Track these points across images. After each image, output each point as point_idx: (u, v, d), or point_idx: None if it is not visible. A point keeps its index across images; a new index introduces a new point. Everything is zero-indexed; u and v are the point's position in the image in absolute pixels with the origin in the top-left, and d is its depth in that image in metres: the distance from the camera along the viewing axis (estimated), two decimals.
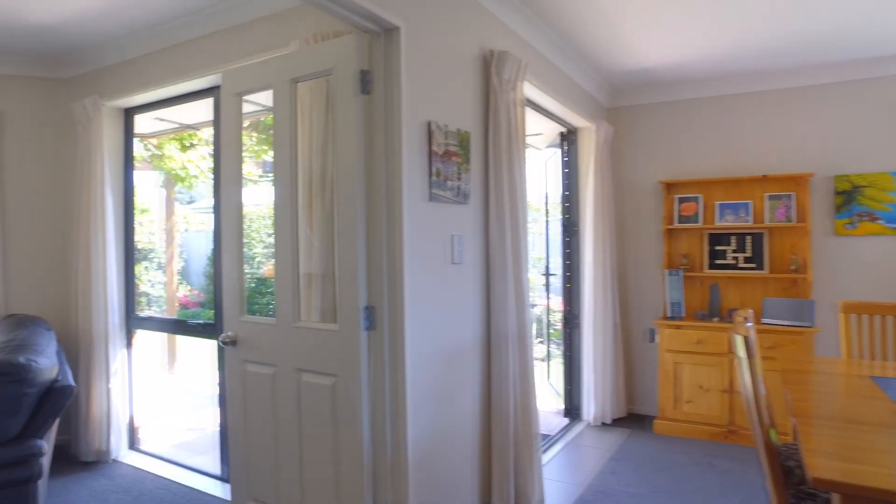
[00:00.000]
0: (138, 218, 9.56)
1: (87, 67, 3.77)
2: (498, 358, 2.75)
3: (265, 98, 2.75)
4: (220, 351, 3.30)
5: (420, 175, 2.31)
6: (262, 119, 4.73)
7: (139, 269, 8.92)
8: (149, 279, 9.49)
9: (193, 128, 4.66)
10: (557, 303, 5.51)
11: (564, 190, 4.54)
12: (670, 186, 4.52)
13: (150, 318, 3.82)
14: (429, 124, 2.35)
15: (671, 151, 4.63)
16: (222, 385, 3.14)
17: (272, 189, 2.48)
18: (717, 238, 4.37)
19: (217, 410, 3.37)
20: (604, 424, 4.35)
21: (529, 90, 3.34)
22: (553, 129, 4.49)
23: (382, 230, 2.20)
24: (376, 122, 2.21)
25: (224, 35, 3.06)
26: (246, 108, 3.54)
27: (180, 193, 9.17)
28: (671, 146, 4.62)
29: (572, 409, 4.47)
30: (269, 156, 6.22)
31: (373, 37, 2.22)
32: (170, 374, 6.83)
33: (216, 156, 3.34)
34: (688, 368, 4.14)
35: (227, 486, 3.02)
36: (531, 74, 3.18)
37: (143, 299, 8.55)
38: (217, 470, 3.39)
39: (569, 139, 4.48)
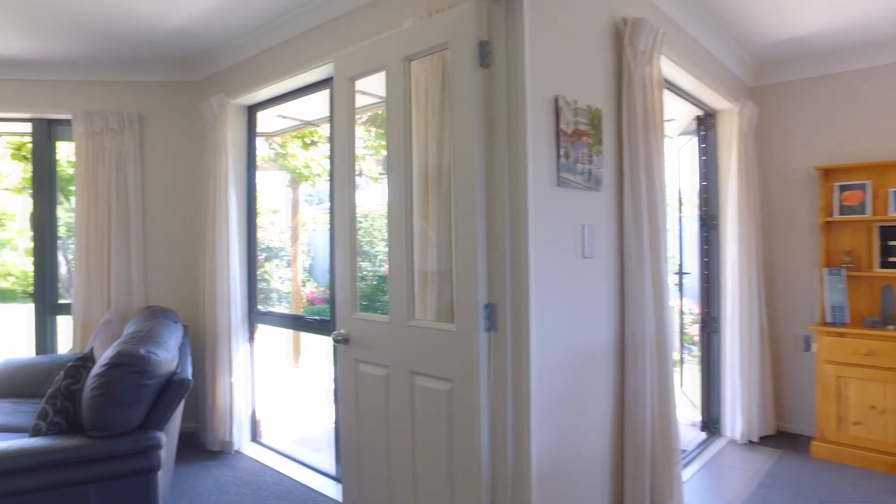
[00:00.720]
0: (270, 217, 10.11)
1: (215, 68, 3.89)
2: (633, 364, 2.42)
3: (381, 89, 2.62)
4: (335, 348, 3.24)
5: (547, 157, 2.05)
6: (379, 113, 4.68)
7: (269, 266, 9.44)
8: (279, 276, 10.02)
9: (313, 124, 4.71)
10: (691, 304, 5.00)
11: (701, 180, 4.06)
12: (829, 173, 3.89)
13: (270, 314, 3.87)
14: (556, 99, 2.08)
15: (830, 133, 3.98)
16: (336, 383, 3.06)
17: (386, 180, 2.34)
18: (891, 232, 3.69)
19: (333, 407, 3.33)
20: (750, 442, 3.83)
21: (663, 66, 2.96)
22: (687, 114, 4.03)
23: (505, 219, 1.97)
24: (497, 98, 1.99)
25: (338, 23, 2.98)
26: (362, 100, 3.48)
27: (310, 196, 9.54)
28: (830, 127, 3.98)
29: (710, 423, 3.98)
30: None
31: (491, 4, 1.99)
32: (294, 368, 7.07)
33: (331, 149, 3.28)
34: (855, 384, 3.52)
35: (341, 488, 2.93)
36: (666, 47, 2.81)
37: (274, 295, 9.01)
38: (332, 468, 3.33)
39: (706, 123, 4.00)
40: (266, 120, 4.60)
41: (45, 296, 4.21)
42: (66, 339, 4.23)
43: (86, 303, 3.93)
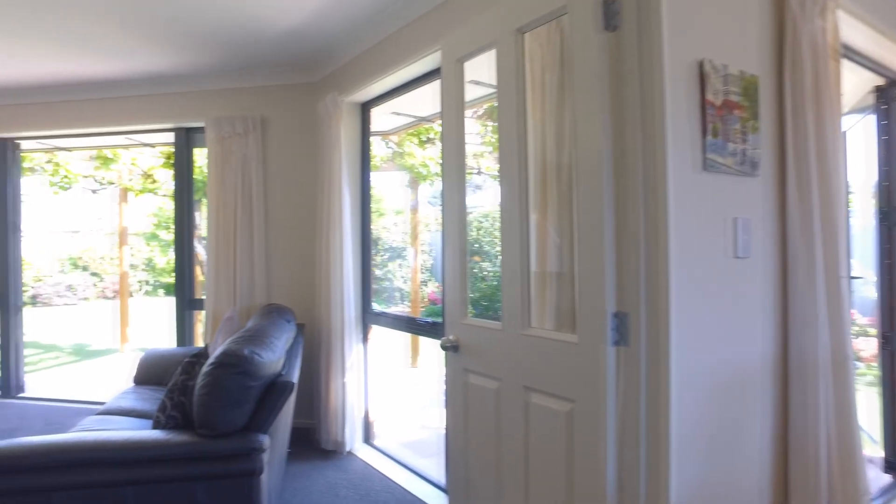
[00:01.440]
0: (393, 218, 10.27)
1: (330, 68, 3.88)
2: (801, 388, 1.96)
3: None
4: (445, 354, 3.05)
5: (689, 135, 1.69)
6: (496, 104, 4.45)
7: (392, 266, 9.60)
8: (401, 275, 10.19)
9: (428, 120, 4.58)
10: (860, 315, 4.23)
11: (881, 166, 3.36)
12: None
13: (383, 314, 3.78)
14: (700, 64, 1.71)
15: None
16: (445, 391, 2.87)
17: (499, 169, 2.09)
18: None
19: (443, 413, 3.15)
20: None
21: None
22: (859, 84, 3.35)
23: (638, 212, 1.64)
24: (627, 65, 1.66)
25: (446, 6, 2.78)
26: (477, 91, 3.27)
27: (434, 198, 9.61)
28: None
29: None
30: None
31: None
32: (412, 368, 7.05)
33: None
34: None
35: (447, 501, 2.73)
36: None
37: (397, 294, 9.15)
38: (441, 478, 3.15)
39: (889, 95, 3.30)
40: (381, 118, 4.55)
41: (184, 291, 4.46)
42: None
43: (215, 299, 4.09)
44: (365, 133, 3.87)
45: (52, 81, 4.35)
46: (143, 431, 2.12)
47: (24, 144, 5.09)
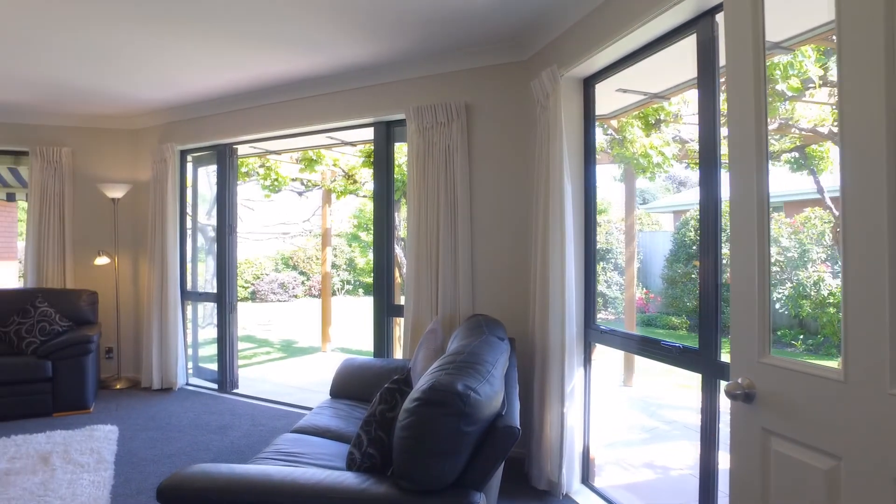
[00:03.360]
0: (599, 217, 9.49)
1: (544, 40, 3.33)
2: None
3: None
4: (706, 382, 2.29)
5: None
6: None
7: (597, 269, 8.81)
8: (604, 280, 9.37)
9: (661, 97, 3.79)
10: None
11: None
12: None
13: (611, 333, 3.10)
14: None
15: None
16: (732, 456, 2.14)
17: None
18: None
19: (696, 452, 2.39)
20: None
21: None
22: None
23: None
24: None
25: None
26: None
27: (642, 191, 8.66)
28: None
29: None
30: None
31: None
32: (626, 387, 6.22)
33: (704, 120, 2.33)
34: None
35: None
36: None
37: (599, 300, 8.34)
38: None
39: None
40: (602, 101, 3.88)
41: (384, 297, 4.25)
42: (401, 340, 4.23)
43: (415, 306, 3.78)
44: (588, 114, 3.24)
45: (260, 85, 4.45)
46: (335, 475, 1.74)
47: (239, 150, 5.37)
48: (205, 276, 6.00)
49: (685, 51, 2.54)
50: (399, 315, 4.21)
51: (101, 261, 5.41)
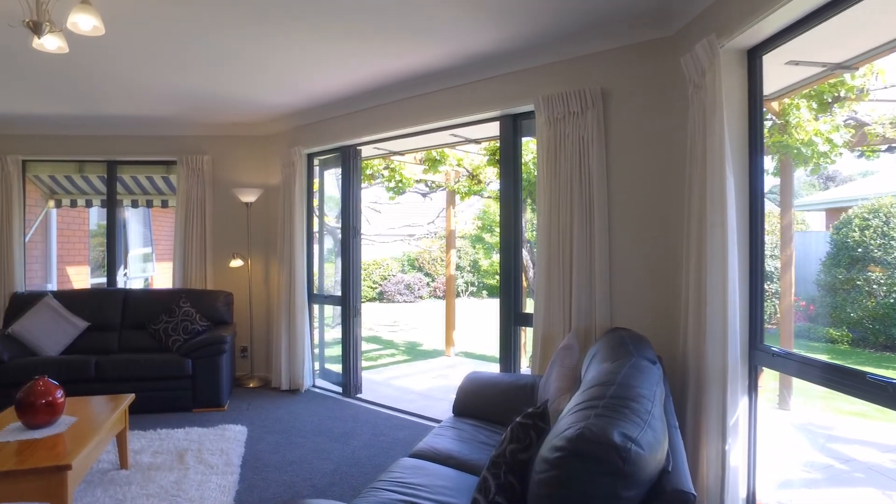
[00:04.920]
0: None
1: (696, 8, 2.84)
2: None
3: None
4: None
5: None
6: None
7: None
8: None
9: (846, 67, 3.13)
10: None
11: None
12: None
13: (785, 356, 2.54)
14: None
15: None
16: None
17: None
18: None
19: None
20: None
21: None
22: None
23: None
24: None
25: None
26: None
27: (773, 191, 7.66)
28: None
29: None
30: None
31: None
32: (781, 410, 5.41)
33: None
34: None
35: None
36: None
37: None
38: None
39: None
40: (769, 78, 3.28)
41: (510, 304, 3.95)
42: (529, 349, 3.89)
43: (546, 316, 3.43)
44: (753, 92, 2.70)
45: (380, 84, 4.33)
46: None
47: (363, 152, 5.31)
48: (333, 278, 6.07)
49: (886, 3, 1.98)
50: (527, 325, 3.89)
51: (236, 263, 5.63)
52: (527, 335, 5.41)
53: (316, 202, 5.71)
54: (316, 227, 5.73)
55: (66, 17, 2.58)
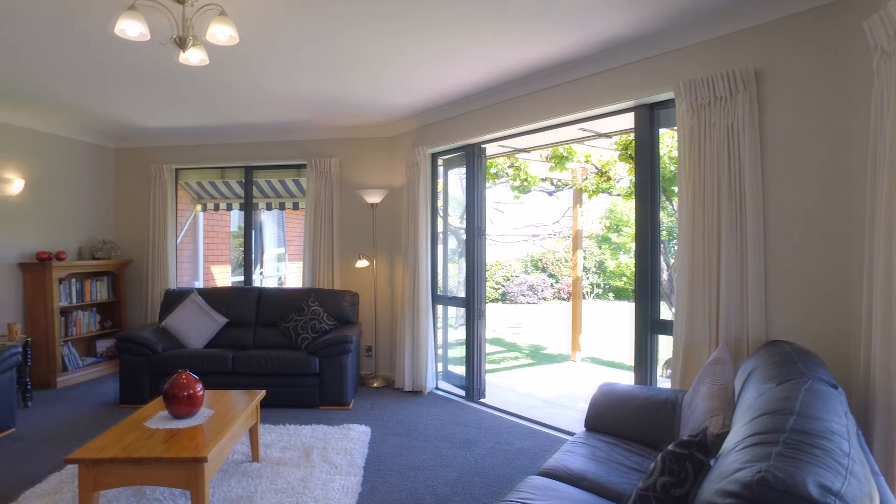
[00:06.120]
0: None
1: None
2: None
3: None
4: None
5: None
6: None
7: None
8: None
9: None
10: None
11: None
12: None
13: None
14: None
15: None
16: None
17: None
18: None
19: None
20: None
21: None
22: None
23: None
24: None
25: None
26: None
27: None
28: None
29: None
30: None
31: None
32: None
33: None
34: None
35: None
36: None
37: None
38: None
39: None
40: None
41: (646, 310, 3.61)
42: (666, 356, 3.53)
43: (688, 324, 3.08)
44: None
45: (502, 79, 4.17)
46: None
47: (488, 150, 5.17)
48: (456, 279, 6.01)
49: None
50: (665, 332, 3.54)
51: (361, 263, 5.74)
52: (658, 343, 4.99)
53: (440, 203, 5.67)
54: (440, 228, 5.69)
55: (205, 30, 2.70)
